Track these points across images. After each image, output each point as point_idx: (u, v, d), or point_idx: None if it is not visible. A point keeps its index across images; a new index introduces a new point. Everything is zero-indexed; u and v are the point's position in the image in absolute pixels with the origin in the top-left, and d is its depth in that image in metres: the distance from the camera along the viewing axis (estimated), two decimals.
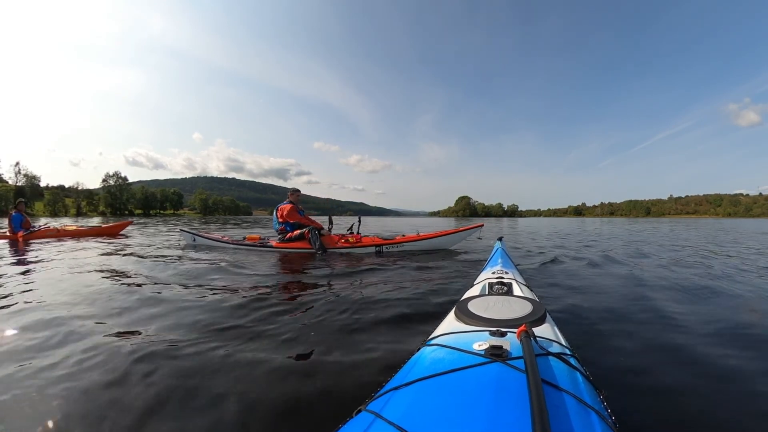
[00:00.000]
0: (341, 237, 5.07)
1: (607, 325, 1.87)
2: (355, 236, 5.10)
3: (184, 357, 1.44)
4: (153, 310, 2.10)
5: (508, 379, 0.66)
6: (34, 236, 7.29)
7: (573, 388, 0.67)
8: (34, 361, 1.41)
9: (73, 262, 4.18)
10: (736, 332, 1.78)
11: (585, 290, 2.68)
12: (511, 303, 1.10)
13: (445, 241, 5.19)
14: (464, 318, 1.00)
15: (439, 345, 0.85)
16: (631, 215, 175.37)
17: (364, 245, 4.94)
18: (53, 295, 2.49)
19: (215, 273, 3.36)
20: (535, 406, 0.53)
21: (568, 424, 0.57)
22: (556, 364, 0.74)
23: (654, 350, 1.53)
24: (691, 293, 2.60)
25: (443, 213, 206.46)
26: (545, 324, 0.98)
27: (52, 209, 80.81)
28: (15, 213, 7.12)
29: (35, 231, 7.34)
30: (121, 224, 9.56)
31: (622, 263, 4.20)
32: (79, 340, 1.63)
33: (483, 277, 1.69)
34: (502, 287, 1.40)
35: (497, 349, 0.75)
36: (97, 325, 1.84)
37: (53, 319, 1.94)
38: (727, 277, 3.29)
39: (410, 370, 0.77)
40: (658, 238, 8.70)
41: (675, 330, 1.79)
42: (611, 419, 0.63)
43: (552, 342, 0.87)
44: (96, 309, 2.17)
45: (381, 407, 0.64)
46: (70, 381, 1.25)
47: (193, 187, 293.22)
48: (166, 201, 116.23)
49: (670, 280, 3.06)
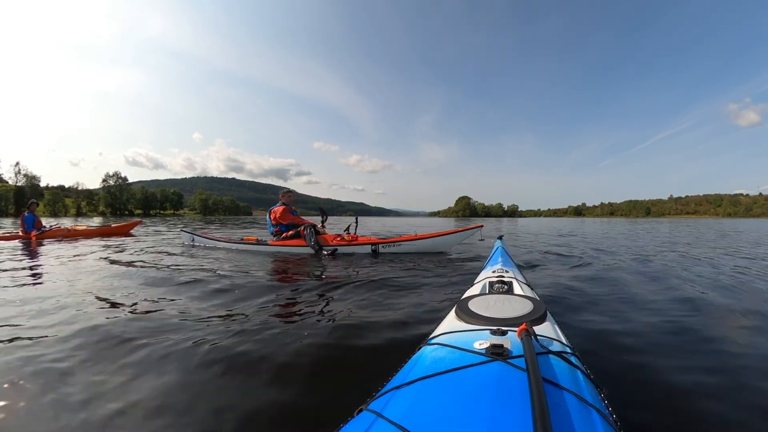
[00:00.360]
0: (337, 236, 5.01)
1: (608, 323, 1.86)
2: (351, 236, 5.01)
3: (178, 358, 1.44)
4: (163, 303, 2.12)
5: (509, 378, 0.65)
6: (46, 235, 7.51)
7: (574, 387, 0.66)
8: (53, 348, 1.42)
9: (84, 259, 4.33)
10: (749, 330, 1.77)
11: (588, 289, 2.67)
12: (512, 302, 1.09)
13: (444, 242, 5.03)
14: (465, 317, 1.00)
15: (440, 344, 0.84)
16: (631, 215, 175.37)
17: (359, 243, 4.86)
18: (66, 290, 2.60)
19: (208, 273, 3.35)
20: (536, 404, 0.53)
21: (570, 423, 0.56)
22: (557, 362, 0.74)
23: (657, 349, 1.53)
24: (700, 292, 2.57)
25: (443, 213, 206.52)
26: (546, 322, 0.98)
27: (52, 209, 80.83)
28: (28, 214, 7.45)
29: (47, 231, 7.58)
30: (130, 224, 9.97)
31: (625, 262, 4.20)
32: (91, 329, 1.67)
33: (483, 276, 1.68)
34: (502, 286, 1.40)
35: (498, 347, 0.74)
36: (110, 317, 1.85)
37: (63, 310, 2.01)
38: (738, 276, 3.27)
39: (411, 369, 0.77)
40: (662, 238, 8.70)
41: (681, 329, 1.77)
42: (612, 417, 0.63)
43: (553, 340, 0.86)
44: (111, 299, 2.26)
45: (382, 407, 0.64)
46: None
47: (193, 187, 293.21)
48: (166, 201, 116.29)
49: (677, 279, 3.04)
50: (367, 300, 2.32)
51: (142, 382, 1.24)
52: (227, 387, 1.21)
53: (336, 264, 4.04)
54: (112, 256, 4.51)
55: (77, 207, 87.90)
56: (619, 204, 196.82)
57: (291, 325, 1.82)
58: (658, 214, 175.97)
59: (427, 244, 4.94)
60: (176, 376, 1.28)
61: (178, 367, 1.35)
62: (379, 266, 3.77)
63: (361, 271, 3.49)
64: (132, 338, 1.63)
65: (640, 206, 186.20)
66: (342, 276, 3.25)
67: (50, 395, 1.15)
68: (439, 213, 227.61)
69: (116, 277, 3.13)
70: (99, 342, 1.60)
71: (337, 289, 2.68)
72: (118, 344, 1.57)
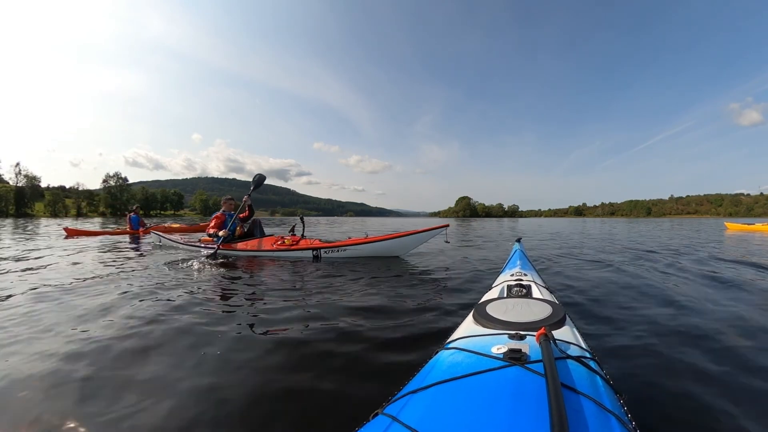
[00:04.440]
0: (278, 239, 4.62)
1: (631, 327, 1.81)
2: (294, 238, 4.57)
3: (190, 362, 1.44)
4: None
5: (526, 383, 0.65)
6: (149, 231, 8.80)
7: (593, 392, 0.66)
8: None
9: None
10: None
11: (610, 292, 2.62)
12: (530, 305, 1.08)
13: (399, 245, 4.35)
14: (483, 321, 0.99)
15: (458, 348, 0.84)
16: (631, 215, 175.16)
17: (298, 249, 4.36)
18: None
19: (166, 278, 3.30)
20: (554, 410, 0.53)
21: (587, 429, 0.56)
22: (576, 367, 0.74)
23: (682, 356, 1.47)
24: (727, 296, 2.49)
25: (443, 213, 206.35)
26: (565, 326, 0.97)
27: (53, 210, 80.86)
28: (133, 215, 9.62)
29: (149, 228, 9.12)
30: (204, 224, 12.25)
31: (649, 263, 4.14)
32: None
33: (501, 280, 1.66)
34: (521, 289, 1.38)
35: (516, 352, 0.74)
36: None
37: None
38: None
39: (428, 373, 0.77)
40: (685, 237, 8.67)
41: (708, 335, 1.70)
42: (632, 425, 0.62)
43: (572, 345, 0.86)
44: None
45: (398, 411, 0.64)
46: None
47: (193, 188, 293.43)
48: (166, 202, 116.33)
49: (710, 283, 2.92)
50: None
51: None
52: (240, 392, 1.21)
53: (252, 266, 3.88)
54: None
55: (77, 207, 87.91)
56: (620, 204, 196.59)
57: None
58: (658, 214, 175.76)
59: (377, 247, 4.32)
60: (191, 386, 1.27)
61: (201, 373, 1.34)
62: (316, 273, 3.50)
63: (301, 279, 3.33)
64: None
65: (640, 206, 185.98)
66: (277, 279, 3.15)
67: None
68: (440, 213, 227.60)
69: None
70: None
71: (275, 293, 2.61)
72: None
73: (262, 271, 3.67)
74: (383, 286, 2.82)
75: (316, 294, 2.58)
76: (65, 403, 1.13)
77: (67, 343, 1.59)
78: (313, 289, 2.76)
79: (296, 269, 3.71)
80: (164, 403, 1.12)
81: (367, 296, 2.48)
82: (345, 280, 3.09)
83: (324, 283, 2.98)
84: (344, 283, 2.94)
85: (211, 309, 2.18)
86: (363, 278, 3.16)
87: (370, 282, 3.00)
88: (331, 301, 2.37)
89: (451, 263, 4.17)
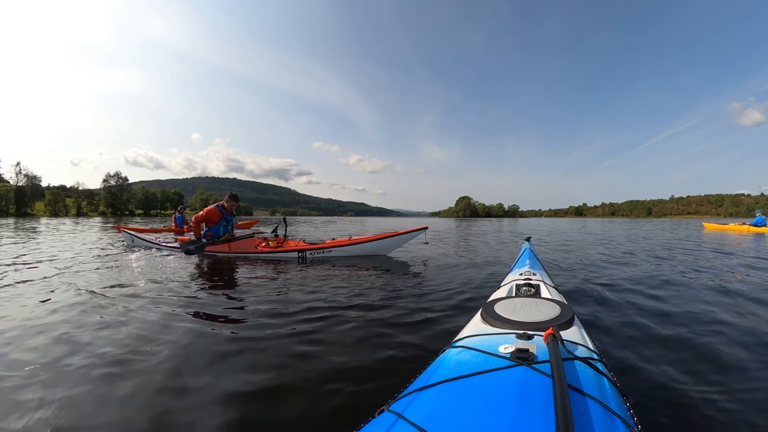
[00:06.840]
0: (263, 240, 4.65)
1: (639, 330, 1.79)
2: (278, 240, 4.63)
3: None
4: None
5: (533, 383, 0.65)
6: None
7: (599, 394, 0.66)
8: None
9: None
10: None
11: (621, 293, 2.60)
12: (539, 305, 1.07)
13: (381, 246, 4.60)
14: (490, 320, 0.99)
15: (465, 347, 0.84)
16: (632, 215, 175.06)
17: (283, 250, 4.47)
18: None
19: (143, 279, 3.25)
20: (560, 411, 0.53)
21: (593, 431, 0.56)
22: (583, 368, 0.73)
23: (692, 360, 1.45)
24: (739, 300, 2.45)
25: (444, 213, 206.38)
26: (573, 327, 0.96)
27: (53, 209, 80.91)
28: (178, 215, 10.24)
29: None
30: (250, 222, 13.63)
31: (660, 265, 4.14)
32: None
33: (510, 279, 1.66)
34: (529, 289, 1.37)
35: (523, 352, 0.74)
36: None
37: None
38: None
39: (435, 371, 0.77)
40: (696, 238, 8.64)
41: (721, 339, 1.68)
42: (638, 428, 0.62)
43: (579, 346, 0.85)
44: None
45: (404, 408, 0.64)
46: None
47: (194, 188, 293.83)
48: (166, 201, 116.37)
49: (724, 287, 2.85)
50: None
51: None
52: (245, 391, 1.21)
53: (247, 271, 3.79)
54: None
55: (78, 207, 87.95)
56: (621, 204, 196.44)
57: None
58: (659, 215, 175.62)
59: (360, 248, 4.55)
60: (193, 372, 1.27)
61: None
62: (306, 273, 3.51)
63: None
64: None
65: (641, 206, 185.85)
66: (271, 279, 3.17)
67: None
68: (440, 213, 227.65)
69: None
70: None
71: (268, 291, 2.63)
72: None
73: (252, 272, 3.59)
74: (379, 286, 2.83)
75: (310, 293, 2.58)
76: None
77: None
78: (306, 288, 2.76)
79: (281, 270, 3.66)
80: (168, 405, 1.12)
81: (366, 296, 2.49)
82: (338, 280, 3.10)
83: (317, 282, 2.99)
84: (339, 284, 2.95)
85: (199, 310, 2.18)
86: (354, 278, 3.18)
87: (362, 282, 3.02)
88: (331, 300, 2.38)
89: (451, 263, 4.22)
